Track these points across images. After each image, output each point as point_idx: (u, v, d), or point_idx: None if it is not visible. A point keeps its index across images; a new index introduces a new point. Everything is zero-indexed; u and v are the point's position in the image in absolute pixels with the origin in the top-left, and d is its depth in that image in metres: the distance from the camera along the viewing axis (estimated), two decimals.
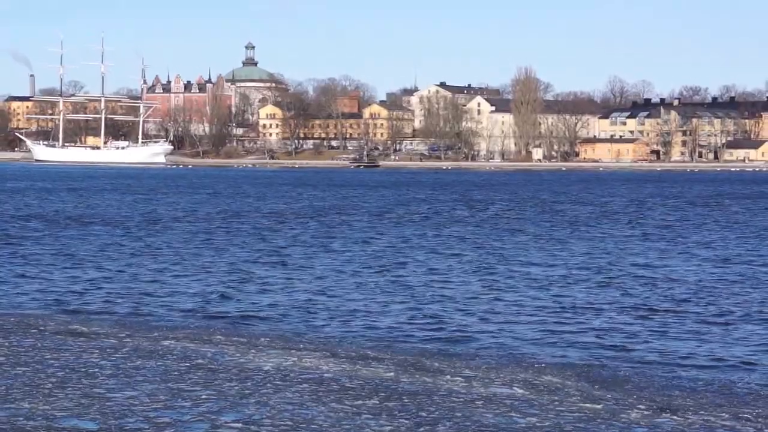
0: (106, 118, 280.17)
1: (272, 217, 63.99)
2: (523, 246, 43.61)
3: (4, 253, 38.87)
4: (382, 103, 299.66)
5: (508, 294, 28.03)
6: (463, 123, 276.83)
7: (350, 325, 22.62)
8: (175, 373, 15.38)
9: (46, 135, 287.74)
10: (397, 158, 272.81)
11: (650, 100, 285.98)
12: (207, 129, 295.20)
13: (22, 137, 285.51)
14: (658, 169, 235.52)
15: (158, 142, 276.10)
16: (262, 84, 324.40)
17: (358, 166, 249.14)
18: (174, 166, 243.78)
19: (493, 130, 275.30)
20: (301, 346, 18.98)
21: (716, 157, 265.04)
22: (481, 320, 23.37)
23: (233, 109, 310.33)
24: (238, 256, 38.65)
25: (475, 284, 30.27)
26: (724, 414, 13.68)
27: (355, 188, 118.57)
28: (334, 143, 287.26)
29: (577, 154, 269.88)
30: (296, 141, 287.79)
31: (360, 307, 25.35)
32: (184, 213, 67.61)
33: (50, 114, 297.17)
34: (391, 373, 15.89)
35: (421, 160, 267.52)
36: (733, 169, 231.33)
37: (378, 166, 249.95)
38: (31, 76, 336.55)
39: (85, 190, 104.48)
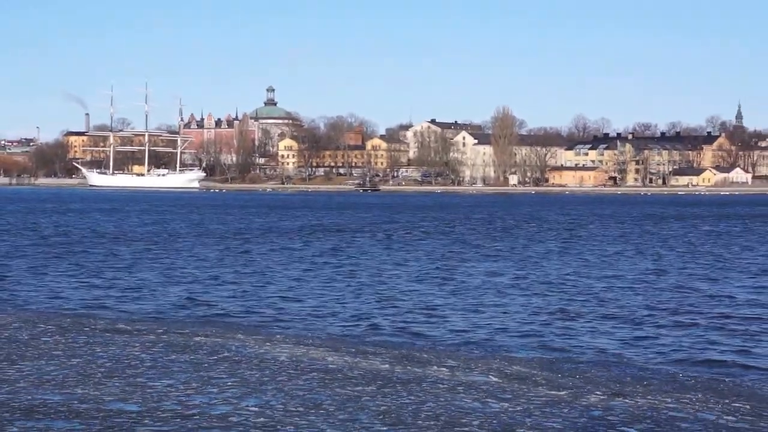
0: (149, 149, 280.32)
1: (285, 234, 63.89)
2: (496, 258, 43.55)
3: (62, 263, 38.83)
4: (382, 137, 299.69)
5: (484, 298, 28.02)
6: (451, 153, 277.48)
7: (351, 324, 22.60)
8: (205, 364, 15.38)
9: (98, 164, 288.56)
10: (394, 183, 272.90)
11: (608, 134, 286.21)
12: (234, 159, 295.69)
13: (79, 166, 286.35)
14: (619, 192, 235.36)
15: (193, 170, 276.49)
16: (280, 121, 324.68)
17: (362, 190, 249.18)
18: (206, 190, 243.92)
19: (476, 160, 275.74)
20: (310, 341, 18.97)
21: (664, 183, 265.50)
22: (462, 320, 23.35)
23: (256, 142, 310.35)
24: (258, 267, 38.57)
25: (455, 290, 30.23)
26: (668, 398, 13.66)
27: (358, 208, 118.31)
28: (341, 170, 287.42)
29: (547, 180, 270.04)
30: (309, 168, 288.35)
31: (359, 310, 25.34)
32: (202, 229, 67.52)
33: (102, 146, 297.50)
34: (387, 365, 15.89)
35: (424, 183, 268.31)
36: (679, 193, 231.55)
37: (379, 190, 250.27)
38: (86, 114, 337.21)
39: (129, 212, 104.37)
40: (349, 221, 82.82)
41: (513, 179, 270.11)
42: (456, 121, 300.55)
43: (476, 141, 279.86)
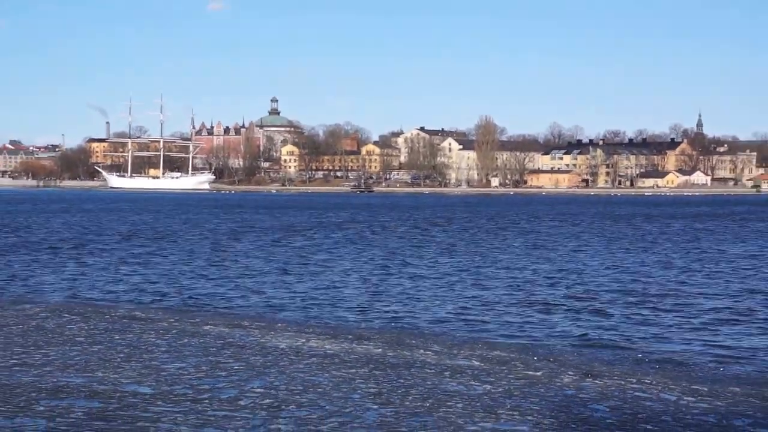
0: (163, 154, 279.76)
1: (286, 230, 63.84)
2: (473, 254, 43.55)
3: (79, 259, 38.79)
4: (375, 143, 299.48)
5: (467, 290, 28.02)
6: (438, 158, 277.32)
7: (347, 313, 22.57)
8: (213, 349, 15.40)
9: (117, 168, 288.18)
10: (387, 185, 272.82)
11: (581, 140, 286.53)
12: (241, 163, 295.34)
13: (100, 170, 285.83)
14: (591, 193, 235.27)
15: (204, 173, 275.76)
16: (283, 128, 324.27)
17: (358, 191, 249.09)
18: (216, 191, 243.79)
19: (461, 164, 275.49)
20: (309, 329, 18.94)
21: (632, 185, 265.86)
22: (447, 310, 23.35)
23: (261, 148, 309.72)
24: (258, 261, 38.51)
25: (441, 282, 30.24)
26: (633, 380, 13.69)
27: (356, 208, 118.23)
28: (338, 173, 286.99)
29: (525, 182, 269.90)
30: (309, 172, 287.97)
31: (354, 300, 25.30)
32: (205, 229, 67.41)
33: (121, 152, 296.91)
34: (379, 350, 15.90)
35: (414, 185, 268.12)
36: (646, 194, 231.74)
37: (373, 191, 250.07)
38: (107, 123, 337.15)
39: (147, 211, 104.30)
40: (345, 219, 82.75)
41: (495, 181, 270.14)
42: (443, 129, 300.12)
43: (461, 146, 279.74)
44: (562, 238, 55.99)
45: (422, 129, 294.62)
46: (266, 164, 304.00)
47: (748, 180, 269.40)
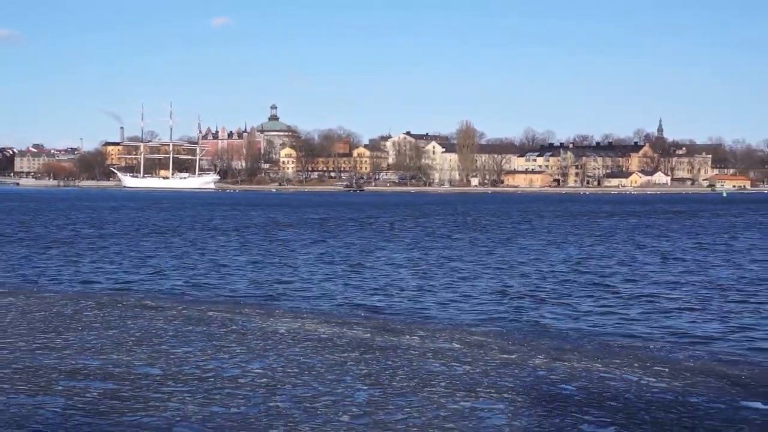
0: (173, 157, 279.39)
1: (286, 226, 63.85)
2: (450, 248, 43.60)
3: (101, 250, 38.76)
4: (366, 146, 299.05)
5: (447, 281, 28.06)
6: (423, 160, 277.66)
7: (339, 302, 22.59)
8: (217, 334, 15.38)
9: (131, 169, 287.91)
10: (376, 185, 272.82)
11: (553, 144, 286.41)
12: (243, 164, 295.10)
13: (115, 170, 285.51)
14: (563, 192, 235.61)
15: (209, 173, 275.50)
16: (282, 133, 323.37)
17: (350, 190, 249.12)
18: (221, 190, 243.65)
19: (444, 165, 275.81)
20: (305, 316, 18.93)
21: (599, 184, 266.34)
22: (430, 299, 23.39)
23: (261, 150, 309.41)
24: (261, 254, 38.50)
25: (424, 273, 30.28)
26: (598, 363, 13.72)
27: (348, 206, 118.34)
28: (332, 174, 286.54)
29: (502, 182, 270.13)
30: (306, 172, 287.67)
31: (346, 289, 25.33)
32: (203, 223, 67.36)
33: (134, 154, 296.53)
34: (368, 334, 15.89)
35: (401, 184, 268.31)
36: (611, 192, 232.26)
37: (363, 190, 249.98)
38: (121, 128, 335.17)
39: (153, 208, 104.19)
40: (339, 215, 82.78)
41: (474, 181, 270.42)
42: (427, 133, 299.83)
43: (444, 149, 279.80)
44: (534, 233, 56.08)
45: (408, 133, 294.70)
46: (266, 165, 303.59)
47: (704, 180, 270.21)
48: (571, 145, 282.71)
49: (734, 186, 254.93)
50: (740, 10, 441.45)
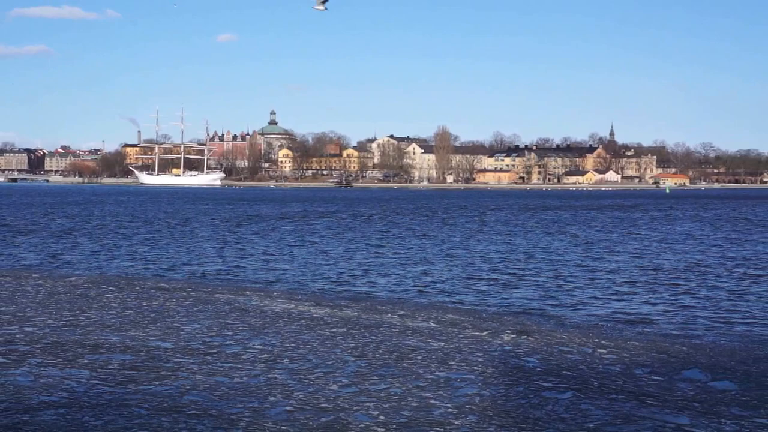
0: (183, 157, 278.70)
1: (287, 218, 63.76)
2: (430, 238, 43.62)
3: (122, 239, 38.64)
4: (354, 147, 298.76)
5: (425, 267, 28.10)
6: (404, 160, 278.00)
7: (328, 285, 22.61)
8: (222, 313, 15.37)
9: (147, 167, 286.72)
10: (363, 182, 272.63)
11: (519, 146, 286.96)
12: (246, 163, 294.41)
13: (133, 169, 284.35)
14: (528, 188, 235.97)
15: (216, 171, 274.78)
16: (280, 136, 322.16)
17: (340, 186, 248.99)
18: (226, 186, 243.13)
19: (423, 164, 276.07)
20: (299, 297, 18.92)
21: (559, 181, 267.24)
22: (410, 282, 23.42)
23: (262, 151, 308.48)
24: (259, 243, 38.52)
25: (405, 260, 30.30)
26: (557, 337, 13.78)
27: (339, 200, 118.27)
28: (324, 172, 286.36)
29: (474, 179, 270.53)
30: (301, 171, 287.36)
31: (334, 274, 25.35)
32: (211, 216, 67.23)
33: (150, 155, 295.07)
34: (355, 314, 15.90)
35: (385, 181, 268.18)
36: (570, 188, 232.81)
37: (352, 186, 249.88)
38: (138, 131, 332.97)
39: (168, 202, 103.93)
40: (331, 209, 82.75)
41: (450, 178, 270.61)
42: (408, 136, 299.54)
43: (423, 150, 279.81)
44: (501, 225, 56.21)
45: (392, 136, 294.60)
46: (266, 165, 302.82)
47: (649, 178, 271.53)
48: (534, 147, 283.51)
49: (675, 183, 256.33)
50: (683, 26, 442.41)
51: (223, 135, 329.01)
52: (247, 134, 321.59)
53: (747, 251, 34.15)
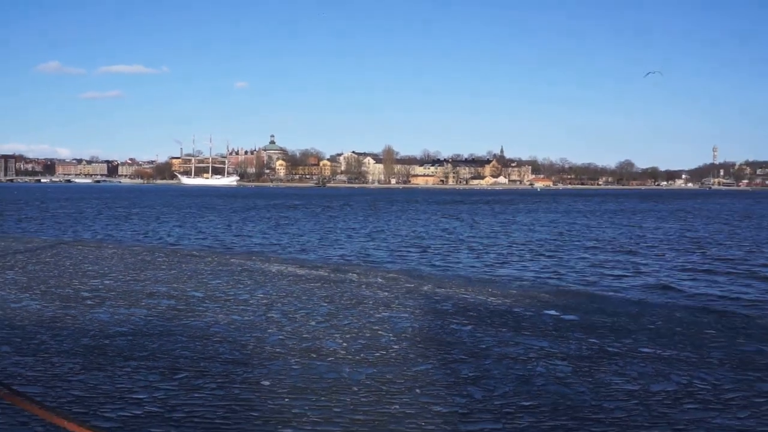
0: (211, 166, 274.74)
1: (283, 207, 63.26)
2: (381, 221, 43.54)
3: (169, 219, 37.99)
4: (328, 159, 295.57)
5: (374, 242, 28.07)
6: (362, 168, 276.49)
7: (309, 254, 22.54)
8: (236, 273, 15.22)
9: (187, 173, 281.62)
10: (334, 183, 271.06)
11: (439, 159, 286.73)
12: (254, 170, 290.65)
13: (177, 174, 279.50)
14: (447, 188, 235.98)
15: (233, 176, 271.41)
16: (277, 151, 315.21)
17: (318, 186, 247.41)
18: (240, 186, 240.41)
19: (375, 171, 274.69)
20: (288, 262, 18.75)
21: (467, 183, 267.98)
22: (364, 251, 23.42)
23: (264, 162, 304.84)
24: (259, 225, 38.15)
25: (361, 236, 30.24)
26: (463, 289, 13.82)
27: (315, 196, 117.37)
28: (307, 177, 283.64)
29: (410, 181, 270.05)
30: (291, 175, 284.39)
31: (315, 246, 25.25)
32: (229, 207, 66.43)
33: (188, 164, 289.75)
34: (326, 273, 15.84)
35: (349, 183, 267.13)
36: (474, 188, 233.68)
37: (326, 186, 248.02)
38: (181, 148, 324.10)
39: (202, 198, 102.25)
40: (319, 201, 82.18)
41: (393, 181, 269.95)
42: (365, 152, 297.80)
43: (375, 161, 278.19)
44: (429, 213, 56.32)
45: (353, 152, 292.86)
46: (267, 171, 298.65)
47: (527, 181, 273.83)
48: (450, 160, 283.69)
49: (543, 185, 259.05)
50: (555, 73, 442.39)
51: (238, 151, 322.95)
52: (254, 150, 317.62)
53: (591, 232, 34.71)
